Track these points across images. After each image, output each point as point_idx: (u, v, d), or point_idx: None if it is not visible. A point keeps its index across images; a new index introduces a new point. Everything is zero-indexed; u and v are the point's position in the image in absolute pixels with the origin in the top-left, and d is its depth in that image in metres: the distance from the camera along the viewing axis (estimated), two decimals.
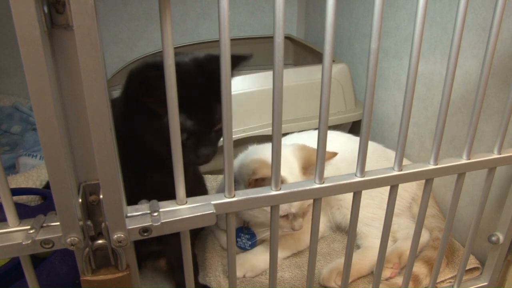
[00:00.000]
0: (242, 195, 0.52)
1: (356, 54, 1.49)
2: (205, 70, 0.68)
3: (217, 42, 0.45)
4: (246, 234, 0.95)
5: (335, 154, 0.85)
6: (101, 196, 0.42)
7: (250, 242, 0.95)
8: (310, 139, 1.10)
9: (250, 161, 0.86)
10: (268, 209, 0.84)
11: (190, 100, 0.64)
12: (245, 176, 0.84)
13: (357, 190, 0.58)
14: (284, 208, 0.83)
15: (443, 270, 0.89)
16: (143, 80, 0.63)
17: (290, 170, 0.85)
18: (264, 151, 0.89)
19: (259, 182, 0.83)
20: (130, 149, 0.66)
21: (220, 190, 1.06)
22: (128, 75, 0.67)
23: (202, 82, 0.67)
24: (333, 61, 0.56)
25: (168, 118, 0.45)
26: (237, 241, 0.95)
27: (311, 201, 0.86)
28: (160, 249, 0.91)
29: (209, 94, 0.66)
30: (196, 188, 0.92)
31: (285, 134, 1.14)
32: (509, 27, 0.80)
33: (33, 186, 1.02)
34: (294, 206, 0.84)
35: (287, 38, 1.80)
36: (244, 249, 0.96)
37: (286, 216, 0.85)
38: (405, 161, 0.61)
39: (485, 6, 0.86)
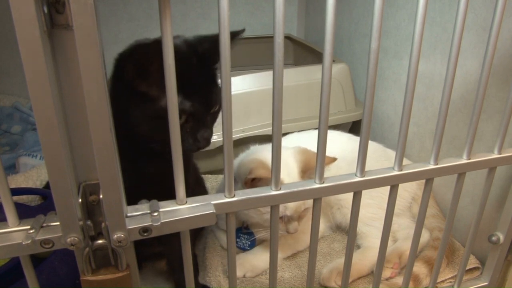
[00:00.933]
0: (242, 195, 0.52)
1: (356, 54, 1.49)
2: (197, 51, 0.67)
3: None
4: (245, 234, 0.95)
5: (334, 159, 0.84)
6: (101, 196, 0.42)
7: (249, 242, 0.95)
8: (310, 139, 1.10)
9: (248, 160, 0.86)
10: (263, 209, 0.85)
11: (186, 82, 0.62)
12: (242, 176, 0.84)
13: (357, 190, 0.58)
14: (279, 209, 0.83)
15: (443, 270, 0.89)
16: (136, 63, 0.60)
17: (289, 172, 0.85)
18: (264, 152, 0.89)
19: (255, 182, 0.83)
20: (124, 142, 0.65)
21: (220, 189, 1.07)
22: (118, 59, 0.64)
23: (196, 63, 0.66)
24: (333, 61, 0.56)
25: (169, 119, 0.45)
26: (236, 242, 0.95)
27: (309, 205, 0.87)
28: (161, 251, 0.91)
29: (203, 75, 0.66)
30: (196, 189, 0.92)
31: (285, 134, 1.14)
32: (509, 27, 0.80)
33: (33, 186, 1.02)
34: (289, 209, 0.84)
35: (287, 38, 1.81)
36: (243, 249, 0.96)
37: (281, 218, 0.85)
38: (405, 161, 0.61)
39: (485, 5, 0.86)
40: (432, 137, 0.97)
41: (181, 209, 0.48)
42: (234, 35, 0.67)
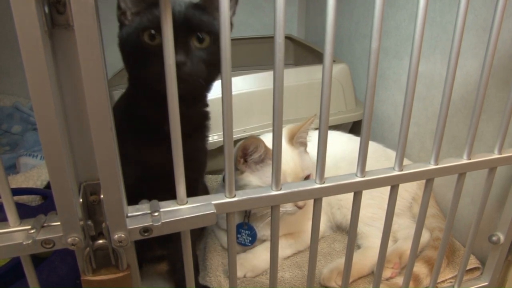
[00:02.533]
0: (243, 195, 0.52)
1: (356, 54, 1.49)
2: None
3: None
4: (246, 230, 0.95)
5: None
6: (101, 196, 0.42)
7: (250, 238, 0.95)
8: (310, 138, 1.10)
9: (239, 142, 0.88)
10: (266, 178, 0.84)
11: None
12: (234, 158, 0.85)
13: (357, 190, 0.58)
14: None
15: (444, 270, 0.89)
16: None
17: None
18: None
19: (250, 162, 0.84)
20: (132, 123, 0.66)
21: (219, 189, 1.06)
22: None
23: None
24: (334, 61, 0.56)
25: (169, 114, 0.45)
26: (237, 238, 0.95)
27: (309, 171, 0.88)
28: (163, 254, 0.91)
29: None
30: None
31: None
32: (510, 28, 0.80)
33: (34, 186, 1.02)
34: (288, 177, 0.84)
35: (288, 38, 1.81)
36: (244, 245, 0.96)
37: None
38: (406, 161, 0.61)
39: (486, 6, 0.86)
40: (432, 137, 0.97)
41: (181, 209, 0.48)
42: None
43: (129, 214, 0.45)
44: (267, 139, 0.91)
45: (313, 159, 0.93)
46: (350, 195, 0.59)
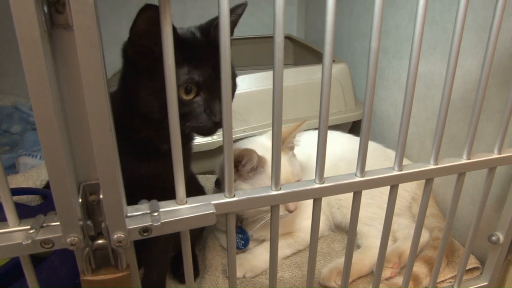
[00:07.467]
0: (242, 195, 0.52)
1: (356, 54, 1.49)
2: (201, 26, 0.63)
3: None
4: (239, 234, 0.96)
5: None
6: (101, 196, 0.42)
7: (243, 242, 0.96)
8: (310, 138, 1.10)
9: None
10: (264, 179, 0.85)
11: (192, 55, 0.58)
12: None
13: (357, 190, 0.58)
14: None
15: (443, 270, 0.89)
16: (147, 18, 0.57)
17: (268, 150, 0.87)
18: (244, 143, 0.93)
19: (242, 172, 0.85)
20: (128, 136, 0.63)
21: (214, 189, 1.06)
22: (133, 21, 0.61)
23: (200, 37, 0.63)
24: (333, 60, 0.55)
25: (168, 115, 0.45)
26: None
27: (299, 177, 0.89)
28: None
29: (210, 48, 0.61)
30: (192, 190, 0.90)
31: None
32: (509, 27, 0.79)
33: (33, 186, 1.02)
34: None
35: (287, 38, 1.81)
36: (237, 249, 0.96)
37: None
38: (405, 161, 0.61)
39: (485, 6, 0.86)
40: (432, 137, 0.97)
41: (181, 209, 0.48)
42: (236, 8, 0.63)
43: (128, 214, 0.45)
44: (257, 143, 0.92)
45: (301, 162, 0.94)
46: (350, 195, 0.59)
